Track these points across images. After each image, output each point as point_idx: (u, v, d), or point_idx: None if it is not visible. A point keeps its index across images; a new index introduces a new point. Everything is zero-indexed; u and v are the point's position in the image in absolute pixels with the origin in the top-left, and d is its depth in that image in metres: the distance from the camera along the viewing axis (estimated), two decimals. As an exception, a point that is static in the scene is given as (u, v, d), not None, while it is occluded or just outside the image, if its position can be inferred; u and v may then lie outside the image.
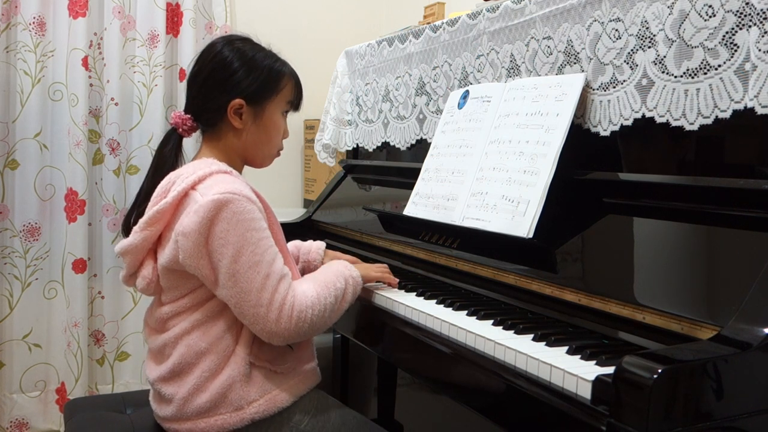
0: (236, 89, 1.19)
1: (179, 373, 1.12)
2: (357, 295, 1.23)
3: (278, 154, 1.31)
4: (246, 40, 1.25)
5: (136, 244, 1.13)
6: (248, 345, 1.13)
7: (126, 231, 1.20)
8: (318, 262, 1.44)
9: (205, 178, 1.11)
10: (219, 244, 1.06)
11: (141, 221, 1.13)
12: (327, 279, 1.17)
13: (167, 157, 1.22)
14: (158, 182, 1.16)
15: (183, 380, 1.12)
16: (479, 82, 1.54)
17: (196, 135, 1.28)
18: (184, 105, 1.26)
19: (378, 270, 1.32)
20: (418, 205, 1.51)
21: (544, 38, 1.34)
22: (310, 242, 1.51)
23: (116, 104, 2.51)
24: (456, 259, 1.37)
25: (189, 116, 1.23)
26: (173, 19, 2.62)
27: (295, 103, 1.29)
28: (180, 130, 1.23)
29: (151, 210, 1.12)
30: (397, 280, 1.34)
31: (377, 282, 1.33)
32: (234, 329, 1.13)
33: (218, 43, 1.24)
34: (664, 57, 1.08)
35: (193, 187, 1.10)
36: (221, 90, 1.20)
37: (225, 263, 1.06)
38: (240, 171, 1.25)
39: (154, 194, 1.15)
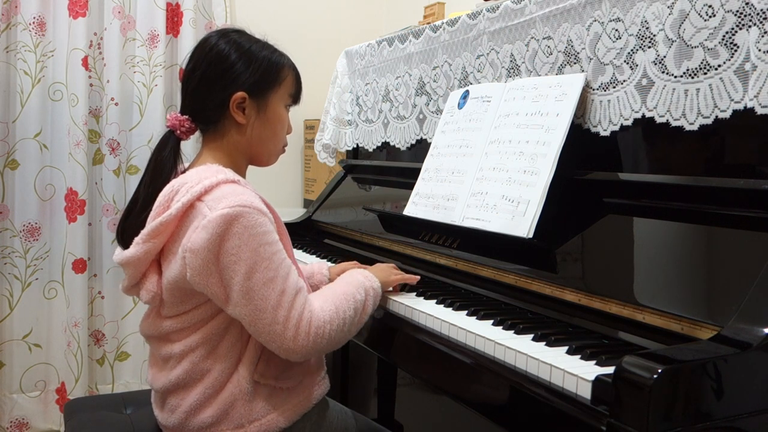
0: (237, 82, 1.14)
1: (183, 386, 1.10)
2: (377, 306, 1.19)
3: (283, 151, 1.25)
4: (241, 33, 1.20)
5: (138, 256, 1.07)
6: (253, 363, 1.09)
7: (121, 239, 1.14)
8: (325, 284, 1.37)
9: (212, 188, 1.04)
10: (231, 261, 1.01)
11: (143, 233, 1.07)
12: (346, 291, 1.13)
13: (165, 162, 1.15)
14: (157, 189, 1.10)
15: (187, 393, 1.10)
16: (479, 82, 1.54)
17: (196, 136, 1.22)
18: (180, 106, 1.20)
19: (397, 273, 1.29)
20: (418, 205, 1.51)
21: (544, 38, 1.34)
22: (310, 265, 1.45)
23: (116, 104, 2.51)
24: (456, 259, 1.37)
25: (187, 117, 1.16)
26: (173, 19, 2.62)
27: (296, 96, 1.24)
28: (177, 132, 1.16)
29: (153, 222, 1.06)
30: (418, 277, 1.31)
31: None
32: (238, 347, 1.10)
33: (212, 37, 1.18)
34: (664, 57, 1.08)
35: (199, 198, 1.04)
36: (221, 84, 1.14)
37: (238, 281, 1.01)
38: (244, 172, 1.21)
39: (156, 203, 1.08)
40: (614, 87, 1.18)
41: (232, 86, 1.14)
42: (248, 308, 1.02)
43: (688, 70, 1.04)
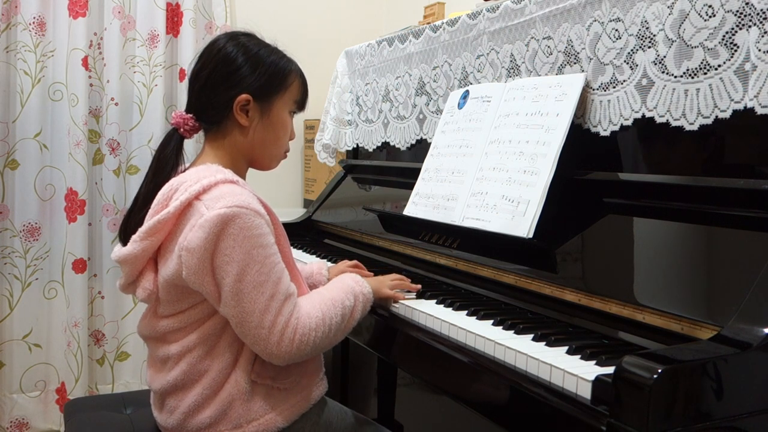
0: (242, 84, 1.15)
1: (182, 387, 1.11)
2: (366, 312, 1.19)
3: (285, 156, 1.26)
4: (250, 36, 1.20)
5: (136, 254, 1.08)
6: (250, 362, 1.10)
7: (123, 237, 1.14)
8: (324, 284, 1.36)
9: (210, 187, 1.05)
10: (224, 261, 1.02)
11: (141, 230, 1.08)
12: (335, 296, 1.13)
13: (168, 159, 1.16)
14: (159, 185, 1.11)
15: (186, 394, 1.10)
16: (479, 82, 1.54)
17: (198, 137, 1.23)
18: (186, 104, 1.21)
19: (393, 285, 1.27)
20: (418, 205, 1.51)
21: (544, 38, 1.34)
22: (309, 265, 1.45)
23: (116, 104, 2.51)
24: (456, 259, 1.37)
25: (191, 116, 1.17)
26: (173, 19, 2.62)
27: (302, 103, 1.24)
28: (181, 130, 1.18)
29: (151, 219, 1.07)
30: (419, 286, 1.29)
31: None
32: (235, 347, 1.10)
33: (221, 39, 1.19)
34: (664, 57, 1.08)
35: (197, 197, 1.05)
36: (226, 85, 1.15)
37: (229, 281, 1.02)
38: (244, 174, 1.22)
39: (155, 201, 1.09)
40: (614, 87, 1.18)
41: (237, 88, 1.15)
42: (236, 309, 1.03)
43: (688, 70, 1.04)
